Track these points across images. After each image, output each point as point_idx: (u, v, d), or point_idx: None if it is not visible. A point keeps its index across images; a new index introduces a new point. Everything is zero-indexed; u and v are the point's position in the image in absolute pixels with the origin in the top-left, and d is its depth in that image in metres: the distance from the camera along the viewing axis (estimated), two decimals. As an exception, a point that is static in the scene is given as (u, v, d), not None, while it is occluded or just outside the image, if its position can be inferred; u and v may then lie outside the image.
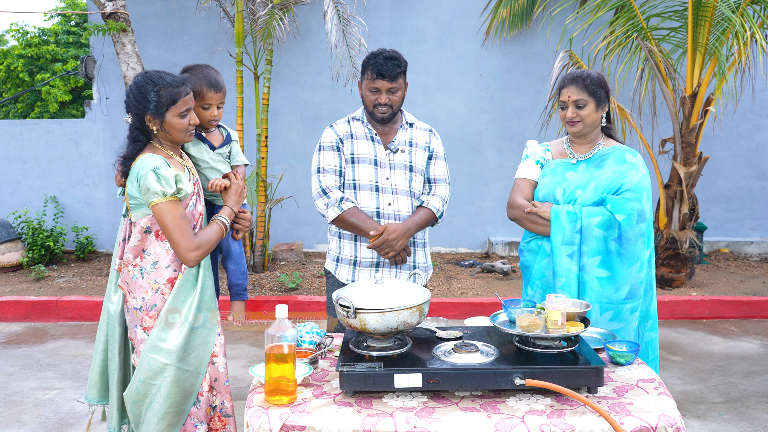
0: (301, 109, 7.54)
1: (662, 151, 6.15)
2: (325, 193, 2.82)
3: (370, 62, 2.75)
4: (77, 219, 7.67)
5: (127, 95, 2.25)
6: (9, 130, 7.76)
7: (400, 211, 2.83)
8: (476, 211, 7.63)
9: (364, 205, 2.82)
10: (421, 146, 2.91)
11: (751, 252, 7.48)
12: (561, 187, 2.64)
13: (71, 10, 15.88)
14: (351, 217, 2.77)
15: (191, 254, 2.19)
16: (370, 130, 2.87)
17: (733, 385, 4.13)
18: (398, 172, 2.84)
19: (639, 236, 2.53)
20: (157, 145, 2.27)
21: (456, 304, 5.66)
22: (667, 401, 1.91)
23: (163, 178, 2.13)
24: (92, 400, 2.41)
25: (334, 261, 2.93)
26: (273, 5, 6.03)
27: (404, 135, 2.89)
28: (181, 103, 2.23)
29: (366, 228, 2.75)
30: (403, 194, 2.84)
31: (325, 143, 2.88)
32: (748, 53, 5.50)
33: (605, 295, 2.52)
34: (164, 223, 2.16)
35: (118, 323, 2.31)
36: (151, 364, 2.19)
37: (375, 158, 2.84)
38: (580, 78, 2.59)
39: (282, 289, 6.09)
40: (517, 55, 7.43)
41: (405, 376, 1.91)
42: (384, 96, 2.75)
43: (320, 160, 2.87)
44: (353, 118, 2.92)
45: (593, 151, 2.67)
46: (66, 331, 5.43)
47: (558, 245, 2.55)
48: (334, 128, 2.90)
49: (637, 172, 2.58)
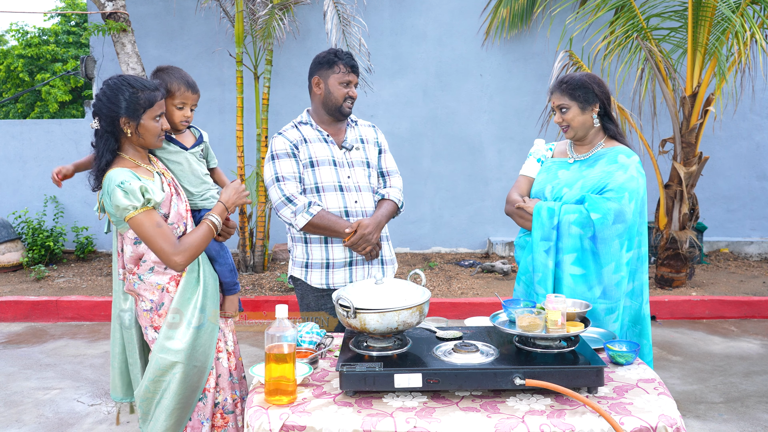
0: (301, 109, 7.45)
1: (662, 151, 6.15)
2: (291, 201, 2.75)
3: (338, 56, 2.81)
4: (77, 219, 7.68)
5: (98, 98, 2.21)
6: (9, 130, 7.77)
7: (366, 208, 2.85)
8: (476, 211, 7.63)
9: (331, 206, 2.79)
10: (371, 142, 2.97)
11: (751, 252, 7.48)
12: (551, 185, 2.66)
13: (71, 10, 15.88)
14: (322, 221, 2.73)
15: (175, 258, 2.17)
16: (321, 131, 2.87)
17: (733, 385, 4.13)
18: (357, 169, 2.87)
19: (615, 237, 2.49)
20: (125, 155, 2.24)
21: (456, 304, 5.66)
22: (667, 401, 1.91)
23: (130, 192, 2.11)
24: (117, 398, 2.46)
25: (303, 267, 2.85)
26: (273, 5, 6.03)
27: (353, 133, 2.94)
28: (157, 106, 2.22)
29: (339, 228, 2.74)
30: (366, 190, 2.87)
31: (279, 151, 2.82)
32: (748, 53, 5.50)
33: (578, 293, 2.52)
34: (143, 234, 2.16)
35: (134, 329, 2.35)
36: (160, 363, 2.22)
37: (333, 159, 2.84)
38: (562, 82, 2.60)
39: (282, 289, 6.09)
40: (517, 55, 7.43)
41: (405, 376, 1.91)
42: (353, 90, 2.83)
43: (276, 169, 2.80)
44: (300, 123, 2.90)
45: (591, 152, 2.66)
46: (66, 331, 5.43)
47: (537, 240, 2.58)
48: (285, 135, 2.85)
49: (624, 173, 2.53)
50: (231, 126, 7.22)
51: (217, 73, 7.43)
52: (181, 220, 2.29)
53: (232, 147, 7.02)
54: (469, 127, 7.49)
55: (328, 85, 2.82)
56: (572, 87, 2.57)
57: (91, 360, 4.66)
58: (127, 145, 2.25)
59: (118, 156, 2.24)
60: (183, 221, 2.30)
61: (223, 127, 7.39)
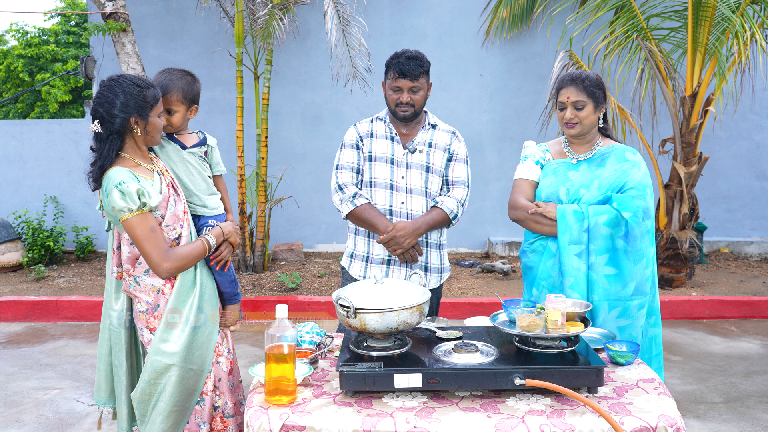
0: (301, 109, 7.54)
1: (662, 151, 6.15)
2: (341, 189, 2.87)
3: (392, 62, 2.81)
4: (77, 219, 7.67)
5: (101, 100, 2.17)
6: (9, 130, 7.76)
7: (412, 210, 2.85)
8: (476, 211, 7.63)
9: (378, 202, 2.86)
10: (441, 147, 2.92)
11: (751, 252, 7.48)
12: (564, 187, 2.64)
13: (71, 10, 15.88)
14: (363, 213, 2.82)
15: (163, 265, 2.17)
16: (390, 129, 2.91)
17: (733, 385, 4.13)
18: (414, 171, 2.86)
19: (645, 233, 2.54)
20: (125, 155, 2.23)
21: (456, 304, 5.66)
22: (667, 401, 1.91)
23: (127, 194, 2.12)
24: (100, 402, 2.43)
25: (349, 257, 2.98)
26: (273, 5, 6.03)
27: (425, 136, 2.92)
28: (161, 102, 2.27)
29: (377, 224, 2.80)
30: (418, 194, 2.86)
31: (346, 141, 2.94)
32: (748, 53, 5.50)
33: (613, 293, 2.53)
34: (134, 236, 2.16)
35: (123, 329, 2.33)
36: (156, 365, 2.21)
37: (392, 157, 2.88)
38: (579, 79, 2.58)
39: (282, 289, 6.09)
40: (517, 55, 7.43)
41: (405, 376, 1.91)
42: (406, 95, 2.79)
43: (340, 158, 2.93)
44: (377, 118, 2.97)
45: (593, 150, 2.67)
46: (66, 331, 5.43)
47: (566, 245, 2.55)
48: (357, 127, 2.96)
49: (639, 170, 2.59)
50: (231, 126, 7.21)
51: (217, 73, 7.43)
52: (177, 222, 2.27)
53: (232, 147, 7.02)
54: (469, 127, 7.49)
55: (385, 89, 2.87)
56: (592, 85, 2.57)
57: (91, 360, 4.65)
58: (129, 144, 2.24)
59: (118, 155, 2.23)
60: (180, 223, 2.28)
61: (223, 127, 7.39)
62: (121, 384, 2.34)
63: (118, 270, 2.33)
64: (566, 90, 2.59)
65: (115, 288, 2.35)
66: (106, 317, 2.37)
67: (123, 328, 2.32)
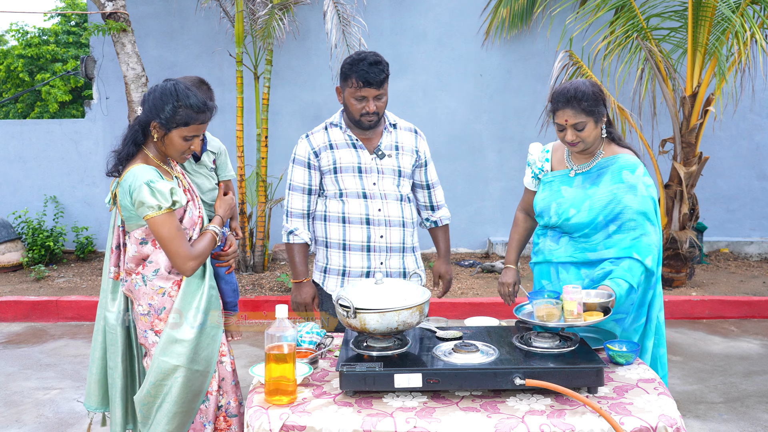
0: (301, 109, 7.54)
1: (662, 151, 6.15)
2: (287, 217, 2.80)
3: (353, 69, 2.59)
4: (77, 219, 7.67)
5: (148, 93, 2.22)
6: (9, 130, 7.76)
7: (390, 217, 2.74)
8: (476, 211, 7.63)
9: (353, 212, 2.71)
10: (408, 150, 2.81)
11: (751, 252, 7.48)
12: (555, 203, 2.55)
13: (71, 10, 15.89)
14: (290, 252, 2.81)
15: (189, 264, 2.20)
16: (350, 136, 2.73)
17: (733, 385, 4.13)
18: (387, 177, 2.73)
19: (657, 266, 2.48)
20: (149, 153, 2.25)
21: (456, 304, 5.66)
22: (667, 401, 1.91)
23: (158, 192, 2.12)
24: (91, 407, 2.40)
25: (322, 272, 2.85)
26: (273, 5, 6.03)
27: (390, 138, 2.78)
28: (193, 128, 2.21)
29: (296, 270, 2.81)
30: (393, 198, 2.74)
31: (298, 156, 2.76)
32: (748, 53, 5.50)
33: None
34: (160, 235, 2.16)
35: (119, 330, 2.32)
36: (162, 367, 2.20)
37: (359, 165, 2.71)
38: (575, 100, 2.39)
39: (282, 289, 6.09)
40: (517, 56, 7.43)
41: (405, 376, 1.91)
42: (372, 104, 2.60)
43: (291, 176, 2.78)
44: (331, 124, 2.78)
45: (592, 162, 2.53)
46: (66, 331, 5.43)
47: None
48: (310, 140, 2.76)
49: (635, 196, 2.41)
50: (231, 126, 7.21)
51: (217, 73, 7.42)
52: (193, 226, 2.30)
53: (232, 147, 7.01)
54: (469, 127, 7.49)
55: (345, 97, 2.67)
56: (590, 104, 2.40)
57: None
58: (152, 144, 2.26)
59: (141, 151, 2.24)
60: (194, 227, 2.30)
61: (223, 128, 7.37)
62: (115, 386, 2.32)
63: (116, 270, 2.33)
64: (563, 112, 2.42)
65: (112, 288, 2.34)
66: (100, 319, 2.36)
67: (121, 327, 2.32)
